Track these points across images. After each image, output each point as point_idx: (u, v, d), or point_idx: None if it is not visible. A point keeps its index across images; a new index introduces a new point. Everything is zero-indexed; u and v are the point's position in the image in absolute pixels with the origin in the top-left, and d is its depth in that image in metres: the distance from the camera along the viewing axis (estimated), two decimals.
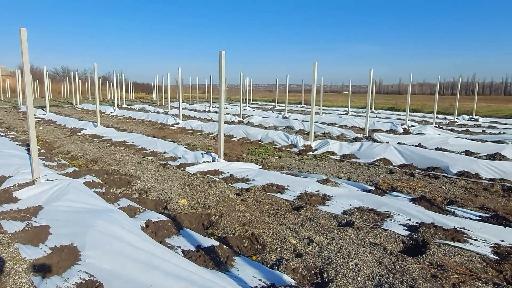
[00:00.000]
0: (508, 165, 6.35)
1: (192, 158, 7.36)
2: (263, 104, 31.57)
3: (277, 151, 8.82)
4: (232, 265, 3.04)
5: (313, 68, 8.97)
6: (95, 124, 11.98)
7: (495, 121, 17.71)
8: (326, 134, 11.86)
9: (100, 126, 11.74)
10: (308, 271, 3.01)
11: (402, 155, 7.64)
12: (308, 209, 4.39)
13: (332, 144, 8.76)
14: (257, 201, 4.74)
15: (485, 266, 3.07)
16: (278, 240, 3.56)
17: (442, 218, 4.09)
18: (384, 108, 26.58)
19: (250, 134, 10.64)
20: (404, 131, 13.10)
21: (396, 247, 3.48)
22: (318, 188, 5.34)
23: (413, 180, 6.24)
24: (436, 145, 9.21)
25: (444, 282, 2.76)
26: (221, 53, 6.80)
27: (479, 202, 5.01)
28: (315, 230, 3.83)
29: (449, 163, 6.79)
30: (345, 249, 3.35)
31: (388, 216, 4.25)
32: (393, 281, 2.79)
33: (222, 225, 3.88)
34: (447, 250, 3.29)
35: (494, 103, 39.52)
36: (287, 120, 14.91)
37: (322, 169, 7.02)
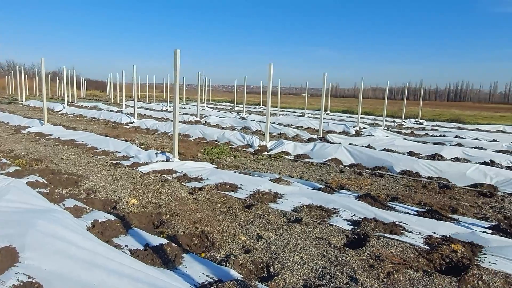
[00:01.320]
0: (444, 164, 6.90)
1: (145, 158, 7.21)
2: (222, 105, 31.51)
3: (233, 151, 8.88)
4: (181, 263, 3.05)
5: (269, 70, 9.14)
6: (41, 122, 11.32)
7: (438, 125, 19.04)
8: (282, 135, 12.11)
9: (48, 124, 11.10)
10: (255, 266, 3.09)
11: (352, 155, 8.01)
12: (259, 207, 4.49)
13: (286, 144, 8.98)
14: (210, 199, 4.77)
15: (417, 255, 3.33)
16: (228, 237, 3.61)
17: (383, 213, 4.37)
18: (339, 110, 27.59)
19: (207, 134, 10.61)
20: (356, 133, 13.72)
21: (340, 241, 3.68)
22: (270, 186, 5.47)
23: (361, 178, 6.58)
24: (384, 146, 9.75)
25: (380, 271, 2.97)
26: (176, 51, 6.74)
27: (417, 198, 5.40)
28: (265, 226, 3.93)
29: (393, 163, 7.23)
30: (292, 244, 3.48)
31: (335, 212, 4.47)
32: (334, 272, 2.96)
33: (173, 224, 3.87)
34: (385, 242, 3.53)
35: (438, 108, 42.46)
36: (244, 120, 15.02)
37: (276, 169, 7.18)
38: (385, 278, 2.88)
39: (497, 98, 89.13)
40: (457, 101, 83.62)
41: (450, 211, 4.88)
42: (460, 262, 3.17)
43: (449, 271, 3.10)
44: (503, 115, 32.24)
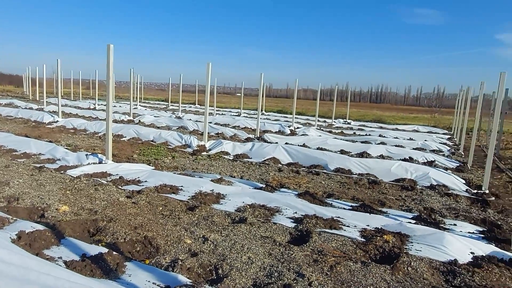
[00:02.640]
0: (372, 162, 7.48)
1: (74, 160, 6.66)
2: (156, 103, 30.39)
3: (171, 152, 8.63)
4: (124, 272, 2.88)
5: (207, 68, 9.05)
6: None
7: (363, 125, 20.56)
8: (220, 135, 12.08)
9: None
10: (203, 269, 3.05)
11: (289, 155, 8.29)
12: (203, 209, 4.43)
13: (225, 144, 8.98)
14: (150, 203, 4.58)
15: (355, 248, 3.57)
16: (172, 241, 3.51)
17: (322, 210, 4.60)
18: (274, 110, 28.33)
19: (142, 134, 10.16)
20: (291, 132, 14.22)
21: (284, 238, 3.79)
22: (212, 187, 5.43)
23: (299, 177, 6.84)
24: (318, 145, 10.25)
25: (324, 265, 3.13)
26: (109, 46, 6.34)
27: (351, 194, 5.78)
28: (210, 228, 3.89)
29: (327, 161, 7.65)
30: (239, 244, 3.49)
31: (277, 210, 4.59)
32: (281, 269, 3.04)
33: (112, 231, 3.64)
34: (326, 237, 3.73)
35: (363, 109, 45.84)
36: (180, 120, 14.68)
37: (216, 169, 7.15)
38: (329, 271, 3.03)
39: (411, 101, 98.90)
40: (378, 103, 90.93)
41: (380, 204, 5.31)
42: (392, 251, 3.48)
43: (383, 260, 3.38)
44: (416, 116, 35.94)
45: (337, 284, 2.85)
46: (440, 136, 16.21)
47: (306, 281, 2.85)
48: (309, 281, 2.85)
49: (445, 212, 5.05)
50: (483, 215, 5.00)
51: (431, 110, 45.82)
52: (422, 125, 21.45)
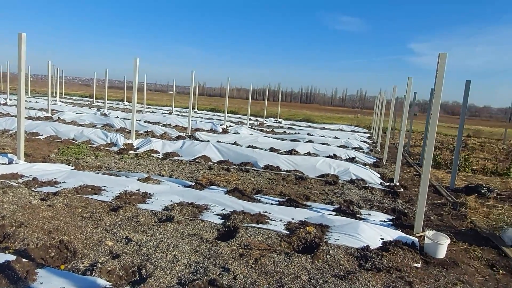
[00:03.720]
0: (299, 159, 7.85)
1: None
2: (79, 100, 28.23)
3: (94, 151, 8.11)
4: (35, 279, 2.65)
5: (134, 64, 8.68)
6: None
7: (293, 124, 21.41)
8: (149, 133, 11.66)
9: None
10: (125, 271, 2.93)
11: (220, 152, 8.31)
12: (127, 209, 4.25)
13: (154, 142, 8.70)
14: (68, 205, 4.26)
15: (280, 240, 3.73)
16: (92, 244, 3.32)
17: (250, 205, 4.71)
18: (207, 109, 28.12)
19: (61, 132, 9.38)
20: (223, 131, 14.26)
21: (212, 235, 3.80)
22: (139, 186, 5.23)
23: (229, 174, 6.90)
24: (249, 143, 10.43)
25: (249, 259, 3.21)
26: (20, 35, 5.75)
27: (278, 190, 6.00)
28: (134, 229, 3.75)
29: (257, 158, 7.83)
30: (164, 243, 3.43)
31: (206, 208, 4.58)
32: (207, 265, 3.05)
33: (22, 236, 3.32)
34: (252, 231, 3.82)
35: (293, 109, 47.70)
36: (106, 117, 13.85)
37: (144, 168, 6.90)
38: (254, 264, 3.13)
39: (337, 102, 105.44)
40: (308, 103, 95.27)
41: (305, 198, 5.60)
42: (313, 241, 3.69)
43: (305, 250, 3.58)
44: (341, 116, 38.45)
45: (261, 276, 2.95)
46: (361, 135, 17.55)
47: (231, 275, 2.91)
48: (234, 274, 2.91)
49: (362, 204, 5.50)
50: (393, 205, 5.55)
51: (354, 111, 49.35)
52: (346, 125, 23.01)
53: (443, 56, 3.92)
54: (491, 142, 18.15)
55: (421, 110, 61.27)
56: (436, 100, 3.96)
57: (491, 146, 16.02)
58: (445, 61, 3.92)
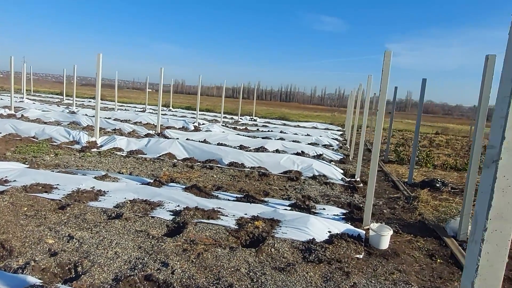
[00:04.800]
0: (264, 156, 7.89)
1: None
2: (49, 97, 27.39)
3: (55, 149, 7.90)
4: None
5: (97, 60, 8.50)
6: None
7: (268, 121, 21.51)
8: (117, 131, 11.45)
9: None
10: (61, 268, 2.88)
11: (185, 150, 8.26)
12: (75, 207, 4.17)
13: (119, 140, 8.55)
14: (14, 204, 4.13)
15: (228, 235, 3.74)
16: (31, 243, 3.23)
17: (205, 202, 4.70)
18: (182, 107, 27.84)
19: (21, 130, 9.08)
20: (195, 129, 14.17)
21: (160, 231, 3.78)
22: (93, 184, 5.14)
23: (192, 171, 6.87)
24: (218, 141, 10.41)
25: (191, 253, 3.21)
26: None
27: (239, 186, 6.02)
28: (79, 226, 3.68)
29: (222, 156, 7.83)
30: (108, 240, 3.38)
31: (159, 204, 4.55)
32: (147, 261, 3.04)
33: None
34: (201, 227, 3.82)
35: (272, 107, 47.92)
36: (74, 115, 13.50)
37: (105, 166, 6.77)
38: (195, 258, 3.13)
39: (316, 100, 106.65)
40: (287, 102, 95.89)
41: (264, 194, 5.64)
42: (260, 235, 3.73)
43: (252, 245, 3.61)
44: (319, 114, 38.92)
45: (200, 270, 2.96)
46: (334, 132, 17.82)
47: (169, 269, 2.90)
48: (172, 269, 2.91)
49: (319, 199, 5.59)
50: (349, 200, 5.67)
51: (332, 109, 50.00)
52: (321, 123, 23.31)
53: (388, 54, 4.03)
54: (458, 139, 18.80)
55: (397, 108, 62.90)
56: (382, 96, 4.07)
57: (457, 143, 16.60)
58: (390, 59, 4.03)
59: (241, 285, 2.77)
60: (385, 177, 7.83)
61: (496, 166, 1.10)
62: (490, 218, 1.10)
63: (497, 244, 1.11)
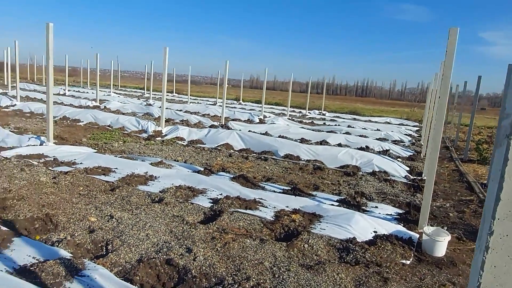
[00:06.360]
0: (321, 148, 7.53)
1: (14, 142, 6.51)
2: (133, 91, 29.96)
3: (125, 136, 8.52)
4: (7, 247, 2.82)
5: (164, 53, 8.92)
6: None
7: (337, 116, 20.71)
8: (184, 122, 11.97)
9: None
10: (94, 245, 3.01)
11: (243, 141, 8.27)
12: (124, 189, 4.38)
13: (181, 130, 8.90)
14: (72, 183, 4.50)
15: (262, 227, 3.58)
16: (76, 219, 3.45)
17: (248, 192, 4.60)
18: (252, 101, 28.25)
19: (99, 119, 9.99)
20: (260, 121, 14.21)
21: (197, 217, 3.77)
22: (147, 170, 5.37)
23: (245, 162, 6.83)
24: (280, 133, 10.25)
25: (219, 242, 3.13)
26: (48, 25, 6.16)
27: (289, 179, 5.80)
28: (122, 207, 3.85)
29: (278, 147, 7.66)
30: (143, 222, 3.47)
31: (202, 192, 4.57)
32: (174, 245, 3.03)
33: (17, 209, 3.56)
34: (236, 216, 3.73)
35: (346, 102, 46.15)
36: (148, 107, 14.49)
37: (165, 153, 7.08)
38: (221, 247, 3.04)
39: (396, 95, 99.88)
40: (363, 97, 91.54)
41: (313, 188, 5.35)
42: (296, 229, 3.50)
43: (286, 238, 3.40)
44: (396, 109, 36.35)
45: (222, 259, 2.86)
46: (409, 128, 16.47)
47: (192, 256, 2.85)
48: (195, 256, 2.85)
49: (374, 196, 5.12)
50: (409, 199, 5.09)
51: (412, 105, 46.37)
52: (395, 118, 21.72)
53: (454, 31, 3.45)
54: None
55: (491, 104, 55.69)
56: (445, 82, 3.51)
57: None
58: (456, 38, 3.45)
59: (259, 279, 2.59)
60: (460, 177, 6.92)
61: (508, 142, 0.73)
62: (498, 218, 0.75)
63: (508, 255, 0.75)
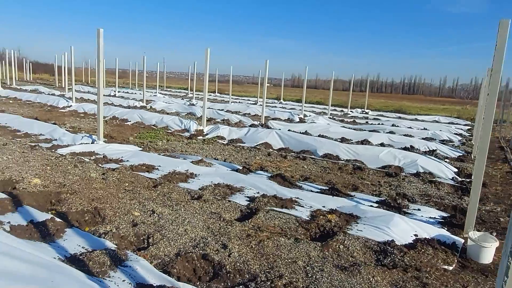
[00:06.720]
0: (361, 148, 7.35)
1: (69, 140, 7.03)
2: (178, 91, 31.01)
3: (168, 135, 8.87)
4: (61, 236, 3.07)
5: (206, 54, 9.15)
6: None
7: (381, 114, 20.02)
8: (225, 121, 12.21)
9: None
10: (137, 238, 3.19)
11: (282, 140, 8.29)
12: (166, 186, 4.57)
13: (222, 129, 9.10)
14: (119, 179, 4.78)
15: (297, 226, 3.59)
16: (121, 213, 3.68)
17: (285, 191, 4.62)
18: (293, 100, 28.11)
19: (145, 119, 10.48)
20: (300, 120, 14.13)
21: (233, 215, 3.86)
22: (188, 167, 5.56)
23: (284, 161, 6.84)
24: (320, 132, 10.13)
25: (254, 239, 3.18)
26: (98, 31, 6.58)
27: (327, 178, 5.73)
28: (163, 203, 4.03)
29: (317, 147, 7.58)
30: (182, 218, 3.61)
31: (240, 190, 4.65)
32: (210, 241, 3.12)
33: (69, 202, 3.86)
34: (272, 215, 3.76)
35: (392, 99, 44.40)
36: (191, 106, 14.96)
37: (206, 152, 7.28)
38: (256, 245, 3.09)
39: (446, 92, 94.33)
40: (410, 94, 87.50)
41: (352, 188, 5.24)
42: (331, 230, 3.46)
43: (320, 238, 3.38)
44: (446, 107, 34.37)
45: (256, 256, 2.90)
46: (460, 127, 15.56)
47: (227, 252, 2.93)
48: (230, 252, 2.92)
49: (417, 198, 4.91)
50: (456, 202, 4.82)
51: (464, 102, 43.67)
52: (445, 116, 20.58)
53: (505, 24, 3.22)
54: None
55: None
56: (495, 77, 3.29)
57: None
58: (507, 30, 3.21)
59: (292, 278, 2.61)
60: None
61: None
62: None
63: None
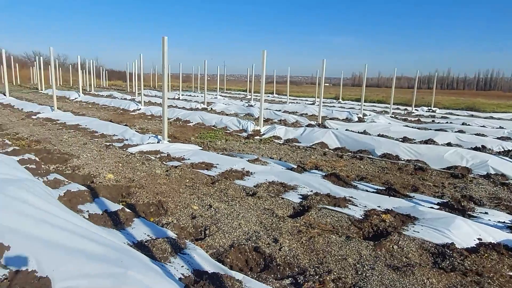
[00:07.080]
0: (424, 148, 6.97)
1: (138, 140, 7.66)
2: (237, 93, 31.86)
3: (227, 135, 9.22)
4: (130, 225, 3.43)
5: (262, 56, 9.36)
6: (52, 108, 12.05)
7: (450, 113, 18.65)
8: (282, 121, 12.33)
9: (57, 110, 11.81)
10: (195, 229, 3.44)
11: (338, 139, 8.17)
12: (223, 182, 4.81)
13: (278, 129, 9.22)
14: (181, 176, 5.13)
15: (350, 224, 3.57)
16: (181, 206, 3.97)
17: (338, 190, 4.60)
18: (352, 99, 27.33)
19: (206, 120, 10.99)
20: (359, 120, 13.74)
21: (286, 211, 3.96)
22: (244, 166, 5.77)
23: (339, 160, 6.76)
24: (379, 132, 9.80)
25: (304, 235, 3.24)
26: (163, 39, 7.09)
27: (385, 178, 5.56)
28: (220, 198, 4.26)
29: (375, 146, 7.36)
30: (237, 212, 3.79)
31: (293, 188, 4.73)
32: (262, 235, 3.25)
33: (137, 195, 4.26)
34: (324, 212, 3.79)
35: (465, 96, 41.09)
36: (249, 107, 15.31)
37: (262, 151, 7.46)
38: (306, 240, 3.15)
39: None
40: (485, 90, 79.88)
41: (411, 189, 5.03)
42: (385, 230, 3.39)
43: (373, 238, 3.33)
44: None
45: (306, 251, 2.96)
46: None
47: (278, 246, 3.03)
48: (280, 246, 3.02)
49: (485, 201, 4.56)
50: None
51: None
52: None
53: None
54: None
55: None
56: None
57: None
58: None
59: (341, 274, 2.63)
60: None
61: None
62: None
63: None
